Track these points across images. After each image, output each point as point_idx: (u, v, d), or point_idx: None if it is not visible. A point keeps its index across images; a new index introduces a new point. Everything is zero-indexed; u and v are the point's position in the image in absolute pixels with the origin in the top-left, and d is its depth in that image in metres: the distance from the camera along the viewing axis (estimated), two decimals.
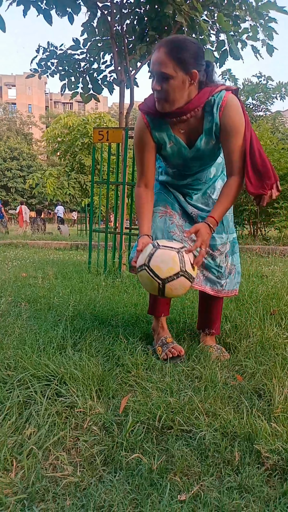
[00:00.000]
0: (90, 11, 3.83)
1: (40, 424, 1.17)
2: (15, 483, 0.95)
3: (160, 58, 1.50)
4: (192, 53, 1.53)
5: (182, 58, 1.50)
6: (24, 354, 1.64)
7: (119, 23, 3.93)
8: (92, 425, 1.19)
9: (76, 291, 3.07)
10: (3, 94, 56.33)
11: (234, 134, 1.59)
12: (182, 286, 1.52)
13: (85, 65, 4.16)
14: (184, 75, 1.51)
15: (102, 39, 4.15)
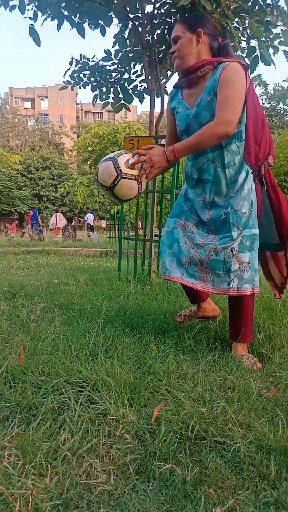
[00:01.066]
0: (121, 23, 3.90)
1: (73, 430, 1.19)
2: (50, 488, 0.96)
3: (174, 29, 1.86)
4: (199, 18, 1.90)
5: (188, 21, 1.85)
6: (58, 360, 1.67)
7: (150, 33, 3.98)
8: (124, 433, 1.19)
9: (107, 298, 3.10)
10: (36, 106, 58.11)
11: (225, 86, 1.71)
12: (127, 186, 1.75)
13: (116, 75, 4.24)
14: (191, 34, 1.81)
15: (133, 50, 4.21)
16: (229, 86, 1.70)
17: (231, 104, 1.68)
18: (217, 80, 1.74)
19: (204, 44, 1.82)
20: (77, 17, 3.64)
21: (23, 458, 1.06)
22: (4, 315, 2.47)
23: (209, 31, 1.84)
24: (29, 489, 0.93)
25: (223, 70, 1.74)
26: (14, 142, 41.36)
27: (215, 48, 1.85)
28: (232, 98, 1.69)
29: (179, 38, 1.82)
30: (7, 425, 1.26)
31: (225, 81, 1.71)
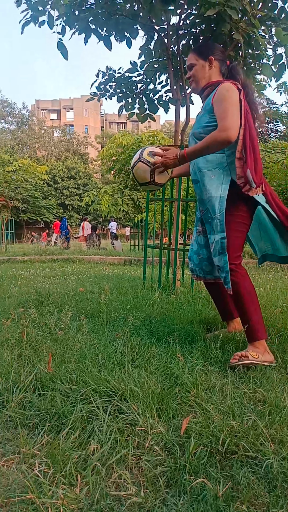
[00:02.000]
0: (147, 35, 3.96)
1: (102, 440, 1.18)
2: (80, 499, 0.96)
3: (188, 58, 2.17)
4: (209, 46, 2.17)
5: (199, 49, 2.14)
6: (85, 368, 1.68)
7: (175, 44, 4.01)
8: (153, 445, 1.18)
9: (132, 306, 3.10)
10: (61, 117, 59.42)
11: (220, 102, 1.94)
12: (142, 169, 2.08)
13: (141, 86, 4.29)
14: (203, 61, 2.10)
15: (158, 61, 4.25)
16: (224, 101, 1.93)
17: (228, 114, 1.89)
18: (210, 102, 2.01)
19: (215, 68, 2.11)
20: (104, 31, 3.71)
21: (54, 467, 1.07)
22: (34, 323, 2.51)
23: (219, 57, 2.13)
24: (60, 499, 0.93)
25: (215, 93, 2.01)
26: (41, 152, 42.34)
27: (224, 70, 2.14)
28: (228, 109, 1.90)
29: (194, 65, 2.12)
30: (36, 433, 1.27)
31: (219, 98, 1.96)
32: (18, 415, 1.36)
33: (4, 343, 2.14)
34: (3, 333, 2.31)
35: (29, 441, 1.21)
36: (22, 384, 1.55)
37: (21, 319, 2.65)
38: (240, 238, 2.05)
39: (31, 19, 3.71)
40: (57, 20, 3.81)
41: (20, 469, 1.08)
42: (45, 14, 3.74)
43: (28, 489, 0.97)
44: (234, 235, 2.02)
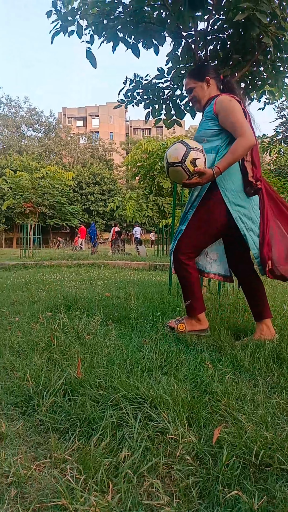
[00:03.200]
0: (174, 41, 3.96)
1: (133, 448, 1.18)
2: (112, 506, 0.95)
3: (186, 82, 2.45)
4: (203, 68, 2.43)
5: (195, 73, 2.41)
6: (114, 374, 1.67)
7: (202, 49, 4.01)
8: (185, 454, 1.16)
9: (158, 312, 3.09)
10: (87, 124, 60.35)
11: (226, 115, 2.19)
12: (179, 173, 2.15)
13: (168, 92, 4.29)
14: (201, 83, 2.37)
15: (185, 67, 4.25)
16: (232, 111, 2.17)
17: (241, 123, 2.14)
18: (212, 110, 2.26)
19: (213, 86, 2.38)
20: (132, 38, 3.74)
21: (85, 473, 1.06)
22: (62, 327, 2.53)
23: (214, 75, 2.39)
24: (93, 506, 0.93)
25: (215, 104, 2.25)
26: (67, 159, 43.10)
27: (220, 86, 2.41)
28: (239, 118, 2.14)
29: (193, 88, 2.39)
30: (67, 438, 1.27)
31: (224, 108, 2.20)
32: (49, 420, 1.37)
33: (34, 346, 2.17)
34: (33, 336, 2.35)
35: (60, 446, 1.21)
36: (52, 388, 1.56)
37: (50, 323, 2.69)
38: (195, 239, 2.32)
39: (60, 29, 3.79)
40: (86, 29, 3.88)
41: (52, 473, 1.08)
42: (74, 24, 3.82)
43: (60, 494, 0.97)
44: (193, 233, 2.31)
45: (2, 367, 1.89)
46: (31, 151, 38.49)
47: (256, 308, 2.43)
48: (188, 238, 2.32)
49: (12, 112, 43.33)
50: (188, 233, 2.32)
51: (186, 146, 2.13)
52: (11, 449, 1.20)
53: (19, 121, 43.09)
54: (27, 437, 1.30)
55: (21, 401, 1.52)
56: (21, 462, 1.12)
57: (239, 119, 2.14)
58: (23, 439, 1.28)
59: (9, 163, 31.42)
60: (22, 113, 43.80)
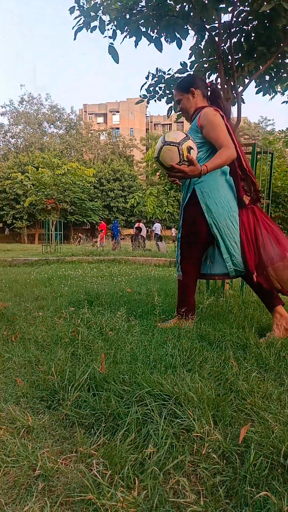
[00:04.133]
0: (198, 34, 3.91)
1: (158, 444, 1.17)
2: (138, 502, 0.95)
3: (174, 94, 2.58)
4: (188, 80, 2.53)
5: (181, 86, 2.52)
6: (137, 370, 1.67)
7: (226, 42, 3.94)
8: (211, 452, 1.15)
9: None
10: (108, 120, 60.51)
11: (209, 130, 2.31)
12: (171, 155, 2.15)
13: None
14: (187, 94, 2.48)
15: (208, 60, 4.20)
16: (213, 126, 2.30)
17: (225, 136, 2.28)
18: (196, 123, 2.39)
19: (198, 96, 2.48)
20: (155, 32, 3.72)
21: (111, 468, 1.07)
22: (85, 322, 2.55)
23: (198, 85, 2.49)
24: (119, 502, 0.93)
25: (199, 117, 2.38)
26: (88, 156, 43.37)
27: (207, 94, 2.51)
28: (221, 131, 2.28)
29: (181, 100, 2.52)
30: (92, 432, 1.28)
31: (208, 122, 2.31)
32: (74, 414, 1.38)
33: (58, 341, 2.19)
34: (56, 331, 2.37)
35: (86, 440, 1.22)
36: (77, 383, 1.57)
37: (72, 318, 2.71)
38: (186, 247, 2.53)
39: (83, 25, 3.80)
40: (108, 24, 3.87)
41: (78, 468, 1.09)
42: (96, 20, 3.82)
43: (87, 489, 0.97)
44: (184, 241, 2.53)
45: (28, 361, 1.92)
46: (53, 148, 38.90)
47: (265, 300, 2.48)
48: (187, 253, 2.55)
49: (34, 110, 43.86)
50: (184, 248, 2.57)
51: (187, 134, 2.22)
52: (37, 442, 1.22)
53: (41, 118, 43.59)
54: (53, 431, 1.31)
55: (46, 395, 1.54)
56: (48, 456, 1.13)
57: (224, 133, 2.28)
58: (49, 432, 1.30)
59: (31, 160, 31.86)
60: (44, 110, 44.30)
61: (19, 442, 1.20)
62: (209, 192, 2.38)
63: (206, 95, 2.50)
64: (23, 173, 21.24)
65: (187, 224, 2.49)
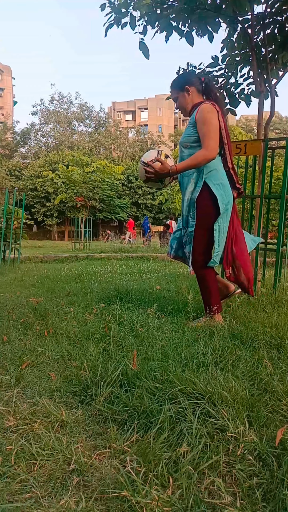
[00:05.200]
0: (230, 27, 3.84)
1: (192, 443, 1.15)
2: (173, 502, 0.94)
3: (170, 92, 2.66)
4: (182, 79, 2.62)
5: (175, 84, 2.61)
6: (169, 367, 1.66)
7: (259, 33, 3.84)
8: (246, 454, 1.12)
9: None
10: (136, 117, 60.58)
11: (202, 124, 2.41)
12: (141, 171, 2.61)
13: (222, 80, 4.18)
14: (182, 92, 2.57)
15: (240, 53, 4.11)
16: (204, 123, 2.39)
17: (210, 137, 2.38)
18: (194, 116, 2.47)
19: (193, 92, 2.56)
20: (186, 26, 3.67)
21: (145, 466, 1.06)
22: (115, 318, 2.56)
23: (192, 82, 2.56)
24: (154, 500, 0.92)
25: (197, 112, 2.45)
26: (116, 153, 43.59)
27: (202, 89, 2.57)
28: (209, 132, 2.38)
29: (177, 98, 2.60)
30: (125, 429, 1.28)
31: (201, 119, 2.41)
32: (107, 410, 1.38)
33: (89, 337, 2.21)
34: (88, 327, 2.39)
35: (119, 437, 1.22)
36: (109, 378, 1.58)
37: (103, 314, 2.73)
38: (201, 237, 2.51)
39: (114, 22, 3.80)
40: (139, 20, 3.86)
41: (112, 464, 1.09)
42: (127, 16, 3.81)
43: (122, 485, 0.97)
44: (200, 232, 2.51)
45: (60, 355, 1.95)
46: (82, 146, 39.35)
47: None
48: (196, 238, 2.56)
49: (64, 108, 44.47)
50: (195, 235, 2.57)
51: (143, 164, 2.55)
52: (71, 437, 1.23)
53: (71, 117, 44.14)
54: (86, 426, 1.32)
55: (79, 390, 1.56)
56: (82, 451, 1.13)
57: (211, 132, 2.38)
58: (82, 427, 1.31)
59: (61, 159, 32.38)
60: (74, 109, 44.83)
61: (54, 436, 1.21)
62: (220, 184, 2.48)
63: (202, 90, 2.57)
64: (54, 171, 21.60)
65: (201, 215, 2.50)
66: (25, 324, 2.56)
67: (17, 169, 36.65)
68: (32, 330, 2.41)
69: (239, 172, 3.95)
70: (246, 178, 3.82)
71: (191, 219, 2.52)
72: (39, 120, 43.97)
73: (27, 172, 34.89)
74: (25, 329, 2.46)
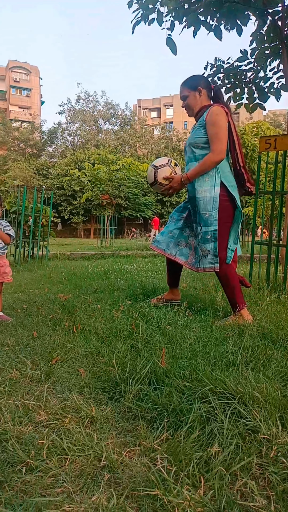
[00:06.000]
0: (259, 20, 3.75)
1: (224, 444, 1.14)
2: (205, 502, 0.93)
3: (180, 90, 2.69)
4: (196, 79, 2.67)
5: (189, 83, 2.65)
6: (198, 366, 1.64)
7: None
8: (280, 456, 1.09)
9: None
10: (161, 115, 60.35)
11: (211, 126, 2.50)
12: (157, 189, 2.76)
13: (251, 74, 4.09)
14: (194, 92, 2.62)
15: (270, 46, 4.01)
16: (214, 126, 2.48)
17: (218, 139, 2.47)
18: (204, 118, 2.54)
19: (204, 95, 2.63)
20: (215, 20, 3.62)
21: (175, 465, 1.05)
22: (142, 316, 2.56)
23: (205, 86, 2.64)
24: (186, 500, 0.91)
25: (208, 113, 2.53)
26: (141, 151, 43.62)
27: (211, 95, 2.66)
28: (218, 134, 2.46)
29: (187, 97, 2.64)
30: (155, 427, 1.27)
31: (210, 122, 2.50)
32: (136, 407, 1.38)
33: (117, 333, 2.22)
34: (115, 324, 2.40)
35: (149, 434, 1.22)
36: (138, 376, 1.58)
37: (130, 311, 2.73)
38: (225, 233, 2.57)
39: (141, 18, 3.79)
40: (166, 16, 3.83)
41: (142, 462, 1.09)
42: (154, 12, 3.79)
43: (153, 484, 0.97)
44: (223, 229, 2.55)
45: (89, 351, 1.96)
46: (108, 144, 39.59)
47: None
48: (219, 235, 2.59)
49: (90, 107, 44.87)
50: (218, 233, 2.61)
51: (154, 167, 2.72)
52: (101, 433, 1.24)
53: (97, 115, 44.49)
54: (116, 422, 1.32)
55: (108, 386, 1.56)
56: (112, 447, 1.14)
57: (218, 134, 2.46)
58: (112, 424, 1.31)
59: (87, 157, 32.71)
60: (99, 107, 45.16)
61: (84, 432, 1.22)
62: (233, 186, 2.58)
63: (210, 96, 2.67)
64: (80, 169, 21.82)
65: (223, 213, 2.55)
66: (54, 320, 2.60)
67: (45, 168, 37.28)
68: (61, 326, 2.45)
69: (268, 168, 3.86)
70: (275, 174, 3.74)
71: (211, 217, 2.54)
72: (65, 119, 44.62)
73: (54, 171, 35.46)
74: (54, 325, 2.49)
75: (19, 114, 53.08)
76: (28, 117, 51.38)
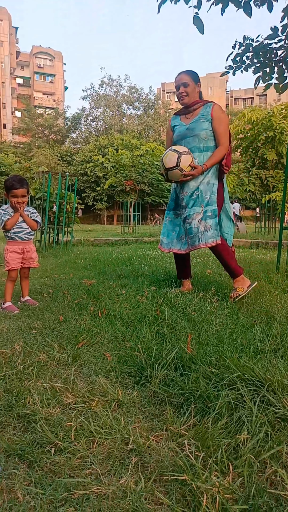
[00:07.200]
0: None
1: (252, 432, 1.12)
2: (234, 489, 0.92)
3: (182, 76, 2.86)
4: (197, 75, 2.90)
5: (193, 75, 2.87)
6: (225, 352, 1.62)
7: None
8: None
9: (266, 291, 2.93)
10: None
11: (220, 123, 2.80)
12: (175, 175, 2.78)
13: (282, 53, 3.92)
14: (194, 84, 2.86)
15: None
16: (223, 123, 2.81)
17: (226, 135, 2.80)
18: (209, 113, 2.81)
19: (198, 91, 2.89)
20: None
21: (203, 451, 1.04)
22: (167, 301, 2.55)
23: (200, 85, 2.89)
24: (215, 486, 0.90)
25: (213, 109, 2.82)
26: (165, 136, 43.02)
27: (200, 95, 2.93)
28: (226, 130, 2.81)
29: (188, 85, 2.84)
30: (182, 412, 1.27)
31: (219, 119, 2.80)
32: (163, 392, 1.38)
33: (142, 319, 2.22)
34: (140, 309, 2.40)
35: (176, 420, 1.21)
36: (164, 361, 1.57)
37: (154, 297, 2.72)
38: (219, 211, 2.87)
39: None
40: None
41: (169, 446, 1.08)
42: None
43: (181, 469, 0.96)
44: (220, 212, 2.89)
45: (114, 336, 1.97)
46: (131, 129, 39.26)
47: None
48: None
49: (113, 92, 44.48)
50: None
51: (177, 152, 2.74)
52: (128, 417, 1.24)
53: (120, 100, 44.09)
54: (142, 407, 1.32)
55: (134, 371, 1.57)
56: (139, 431, 1.14)
57: (226, 131, 2.81)
58: (138, 408, 1.31)
59: (111, 143, 32.58)
60: (123, 92, 44.69)
61: (111, 415, 1.23)
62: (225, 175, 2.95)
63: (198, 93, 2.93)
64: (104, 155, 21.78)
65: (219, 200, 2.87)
66: (80, 305, 2.62)
67: (68, 154, 37.40)
68: (87, 310, 2.47)
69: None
70: None
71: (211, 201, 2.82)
72: (89, 105, 44.40)
73: (77, 157, 35.53)
74: (79, 309, 2.52)
75: (43, 101, 53.33)
76: (52, 103, 51.53)
